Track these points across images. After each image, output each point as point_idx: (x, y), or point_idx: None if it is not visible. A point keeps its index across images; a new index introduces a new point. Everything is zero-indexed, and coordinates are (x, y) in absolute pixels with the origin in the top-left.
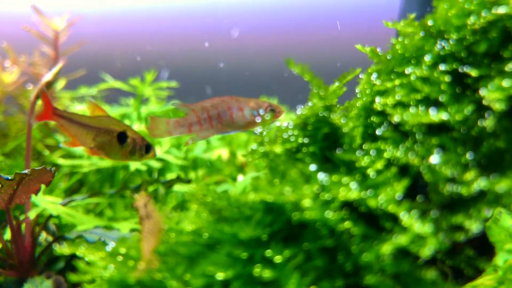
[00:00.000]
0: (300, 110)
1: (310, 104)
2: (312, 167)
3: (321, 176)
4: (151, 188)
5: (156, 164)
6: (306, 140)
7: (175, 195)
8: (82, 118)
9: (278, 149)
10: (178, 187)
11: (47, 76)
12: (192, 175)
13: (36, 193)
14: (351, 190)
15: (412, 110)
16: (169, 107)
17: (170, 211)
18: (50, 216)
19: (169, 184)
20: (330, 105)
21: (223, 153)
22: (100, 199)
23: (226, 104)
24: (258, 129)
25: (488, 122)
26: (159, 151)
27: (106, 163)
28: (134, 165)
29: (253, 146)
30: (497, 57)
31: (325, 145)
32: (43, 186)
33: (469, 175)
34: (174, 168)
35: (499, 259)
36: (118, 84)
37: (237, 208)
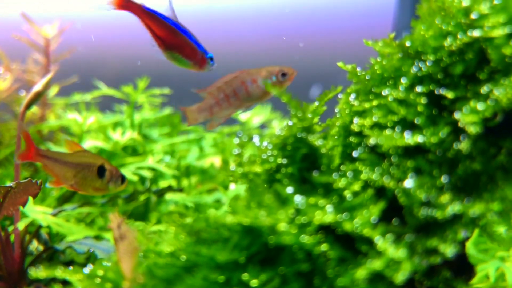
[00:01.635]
0: (280, 130)
1: (290, 123)
2: (289, 189)
3: (298, 199)
4: (142, 197)
5: (147, 174)
6: (284, 161)
7: (166, 205)
8: (63, 156)
9: (257, 169)
10: (169, 196)
11: (37, 86)
12: (185, 182)
13: (24, 205)
14: (326, 213)
15: (388, 132)
16: (163, 113)
17: (149, 232)
18: (41, 225)
19: (160, 193)
20: (308, 126)
21: (216, 161)
22: (91, 208)
23: (239, 80)
24: (236, 151)
25: (463, 145)
26: (151, 160)
27: None
28: (125, 174)
29: (232, 167)
30: (474, 78)
31: (303, 165)
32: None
33: (444, 199)
34: (167, 175)
35: (491, 268)
36: (111, 92)
37: (216, 230)
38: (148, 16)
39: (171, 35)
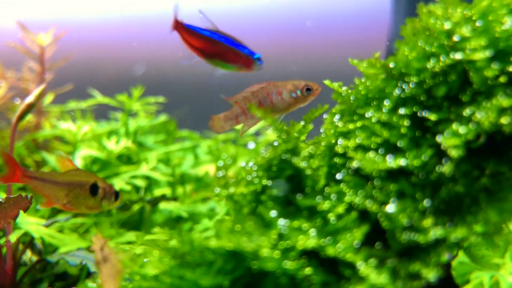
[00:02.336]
0: (265, 151)
1: (275, 143)
2: (273, 213)
3: (281, 223)
4: (136, 207)
5: (141, 183)
6: (269, 183)
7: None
8: (53, 176)
9: (242, 191)
10: (163, 205)
11: (29, 98)
12: (180, 190)
13: (15, 218)
14: (310, 238)
15: (371, 154)
16: (158, 121)
17: (134, 255)
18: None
19: (154, 203)
20: (293, 147)
21: (210, 169)
22: (85, 219)
23: (265, 91)
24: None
25: (446, 168)
26: (145, 168)
27: None
28: (118, 184)
29: (216, 189)
30: (457, 100)
31: (289, 187)
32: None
33: (426, 223)
34: (162, 183)
35: (485, 276)
36: (105, 100)
37: (200, 253)
38: (186, 31)
39: (210, 45)
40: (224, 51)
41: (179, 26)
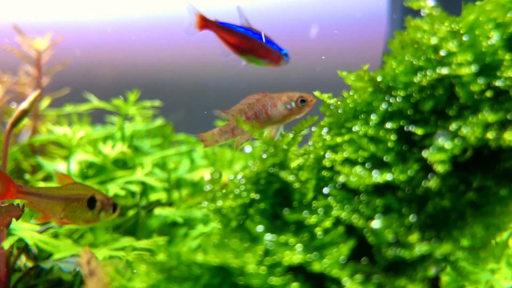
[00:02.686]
0: (253, 164)
1: (264, 156)
2: (259, 228)
3: (268, 238)
4: (131, 212)
5: (136, 188)
6: (257, 196)
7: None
8: (50, 191)
9: (230, 204)
10: (158, 211)
11: (23, 104)
12: (176, 195)
13: (7, 226)
14: (296, 253)
15: (358, 168)
16: (155, 125)
17: (121, 266)
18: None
19: (149, 209)
20: (280, 161)
21: (206, 174)
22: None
23: (261, 103)
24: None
25: (432, 183)
26: (140, 173)
27: None
28: (113, 189)
29: (204, 203)
30: (443, 114)
31: (276, 200)
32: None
33: (412, 238)
34: (157, 188)
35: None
36: (101, 105)
37: (187, 267)
38: (222, 29)
39: (244, 41)
40: (257, 47)
41: (212, 25)
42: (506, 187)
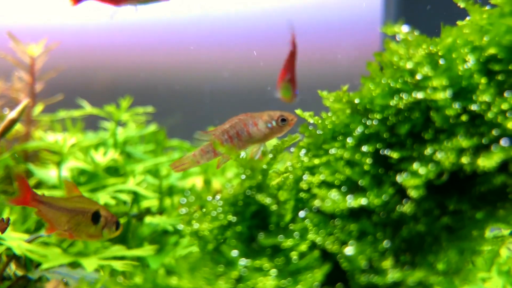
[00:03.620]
0: (230, 187)
1: (242, 177)
2: (234, 252)
3: (242, 263)
4: (122, 220)
5: (126, 198)
6: (234, 219)
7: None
8: (58, 201)
9: (207, 227)
10: (149, 219)
11: (12, 114)
12: (167, 202)
13: None
14: (269, 279)
15: (334, 192)
16: (148, 130)
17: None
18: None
19: (139, 217)
20: (257, 184)
21: (197, 181)
22: None
23: (242, 122)
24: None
25: (406, 207)
26: (132, 182)
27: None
28: (103, 198)
29: (180, 226)
30: (420, 137)
31: (254, 223)
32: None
33: (385, 264)
34: (149, 196)
35: None
36: (94, 111)
37: None
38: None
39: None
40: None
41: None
42: (482, 210)
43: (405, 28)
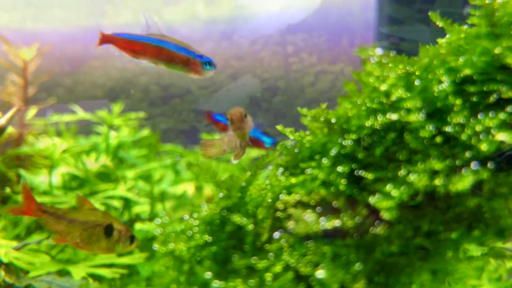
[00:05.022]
0: (205, 207)
1: (220, 195)
2: (208, 274)
3: (215, 285)
4: None
5: (117, 204)
6: (210, 239)
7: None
8: (68, 213)
9: (181, 248)
10: (139, 226)
11: (0, 121)
12: (159, 207)
13: None
14: None
15: (309, 213)
16: (141, 134)
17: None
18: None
19: (130, 223)
20: (233, 204)
21: (189, 187)
22: None
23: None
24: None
25: (379, 229)
26: (122, 188)
27: (69, 200)
28: (94, 204)
29: (155, 246)
30: (394, 158)
31: (230, 243)
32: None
33: (357, 287)
34: (142, 200)
35: None
36: (87, 116)
37: None
38: (120, 40)
39: (148, 48)
40: (166, 53)
41: (109, 39)
42: (456, 231)
43: (379, 51)
